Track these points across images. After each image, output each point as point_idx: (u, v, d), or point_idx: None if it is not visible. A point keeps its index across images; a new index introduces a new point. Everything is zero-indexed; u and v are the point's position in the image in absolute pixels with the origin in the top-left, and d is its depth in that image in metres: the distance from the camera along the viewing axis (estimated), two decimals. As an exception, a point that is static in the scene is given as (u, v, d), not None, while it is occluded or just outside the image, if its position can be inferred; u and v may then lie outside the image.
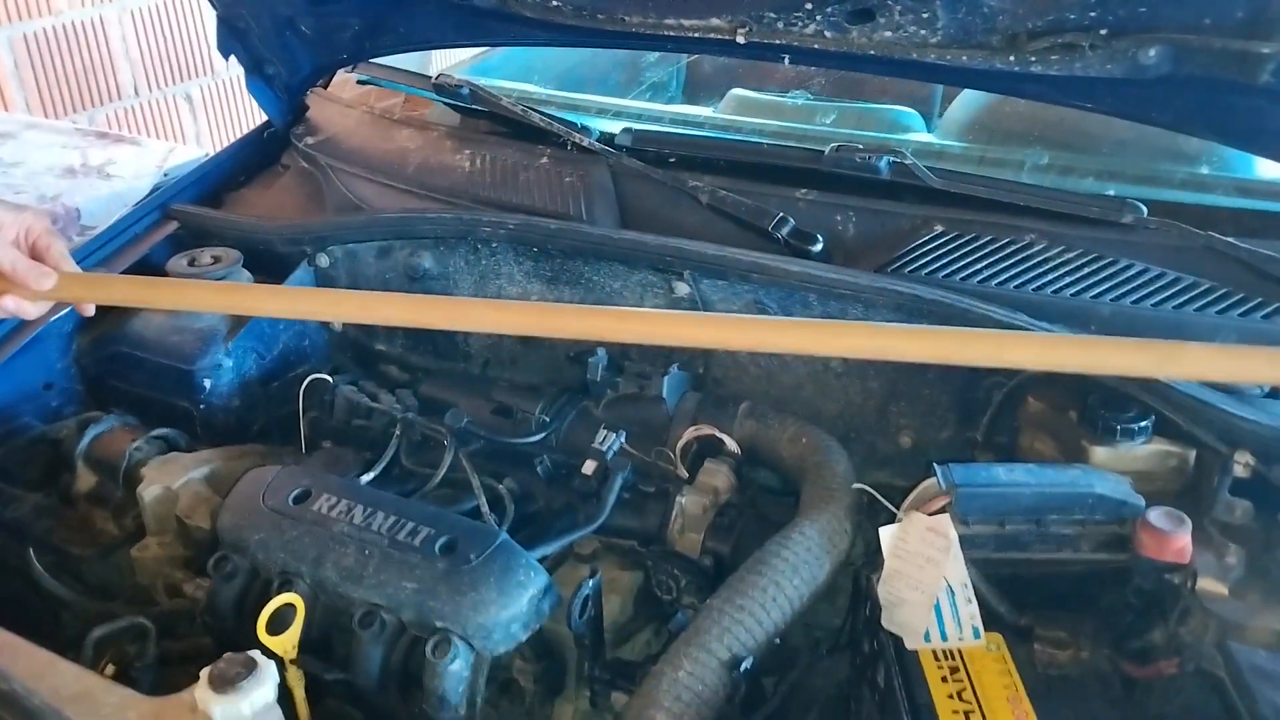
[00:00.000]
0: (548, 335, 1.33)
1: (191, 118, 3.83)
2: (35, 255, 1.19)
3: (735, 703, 1.02)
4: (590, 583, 1.12)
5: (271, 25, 1.76)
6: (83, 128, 3.04)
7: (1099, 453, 1.17)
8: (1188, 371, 1.03)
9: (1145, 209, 1.34)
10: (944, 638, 1.02)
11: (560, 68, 2.22)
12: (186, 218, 1.70)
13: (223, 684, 0.93)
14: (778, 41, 1.40)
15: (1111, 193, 1.44)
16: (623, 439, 1.33)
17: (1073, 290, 1.31)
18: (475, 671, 1.06)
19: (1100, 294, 1.30)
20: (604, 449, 1.30)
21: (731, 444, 1.34)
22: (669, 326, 1.15)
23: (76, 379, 1.53)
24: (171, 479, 1.29)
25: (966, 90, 1.86)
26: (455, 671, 1.04)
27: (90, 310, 1.29)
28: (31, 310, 1.21)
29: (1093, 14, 1.18)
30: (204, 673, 0.95)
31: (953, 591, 1.03)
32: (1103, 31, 1.19)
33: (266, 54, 1.81)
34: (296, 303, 1.31)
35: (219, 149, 1.99)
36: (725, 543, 1.24)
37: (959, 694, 0.97)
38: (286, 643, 1.03)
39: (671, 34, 1.47)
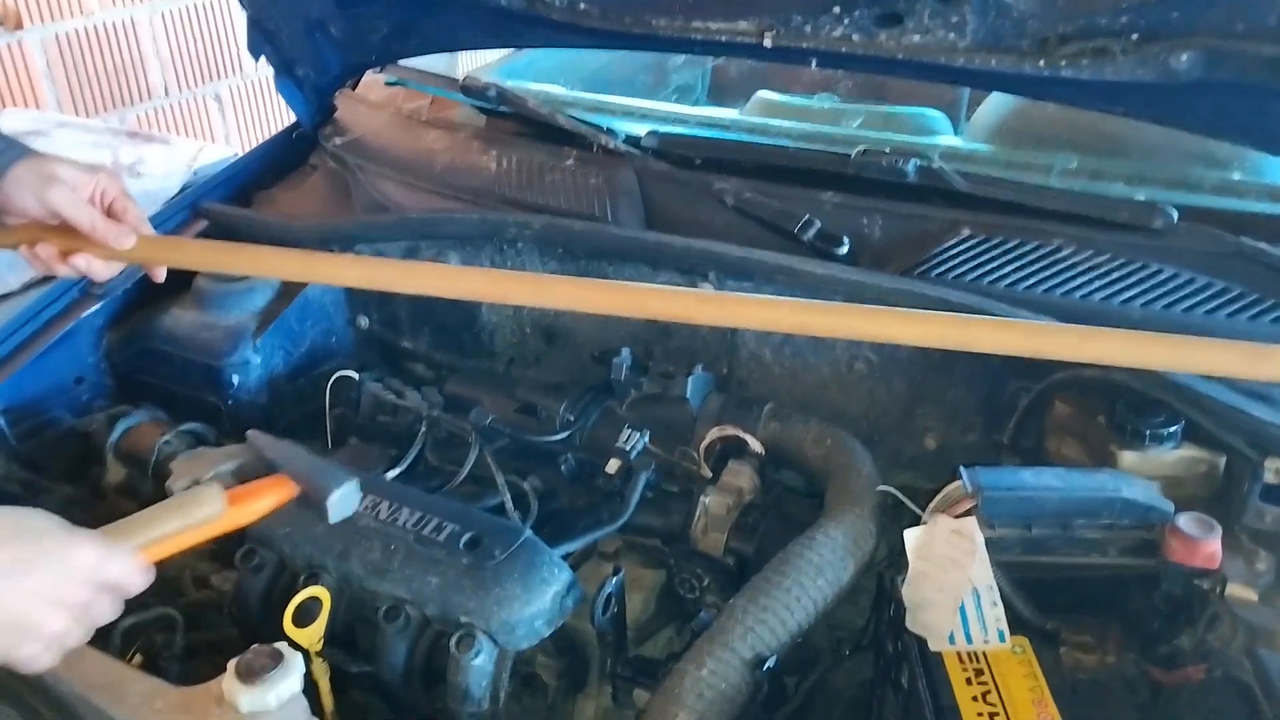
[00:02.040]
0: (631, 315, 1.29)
1: (221, 118, 3.87)
2: (111, 216, 1.16)
3: (757, 702, 1.02)
4: (613, 580, 1.12)
5: (301, 27, 1.78)
6: (114, 127, 3.09)
7: (1127, 457, 1.16)
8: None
9: (1176, 214, 1.33)
10: (969, 640, 1.02)
11: (586, 70, 2.22)
12: (216, 216, 1.72)
13: (249, 675, 0.94)
14: (805, 45, 1.40)
15: (1142, 197, 1.43)
16: (646, 438, 1.33)
17: (1102, 295, 1.30)
18: (498, 666, 1.06)
19: (1130, 299, 1.29)
20: (628, 448, 1.30)
21: (755, 445, 1.34)
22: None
23: (107, 374, 1.55)
24: (200, 473, 1.30)
25: (994, 93, 1.85)
26: (478, 666, 1.04)
27: (162, 275, 1.26)
28: (102, 271, 1.19)
29: (1124, 19, 1.18)
30: (231, 664, 0.95)
31: (978, 594, 1.02)
32: (1134, 36, 1.19)
33: (296, 55, 1.83)
34: (373, 272, 1.28)
35: (248, 149, 2.01)
36: (748, 543, 1.24)
37: (984, 696, 0.97)
38: (312, 635, 1.04)
39: (698, 37, 1.47)
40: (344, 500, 1.04)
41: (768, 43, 1.42)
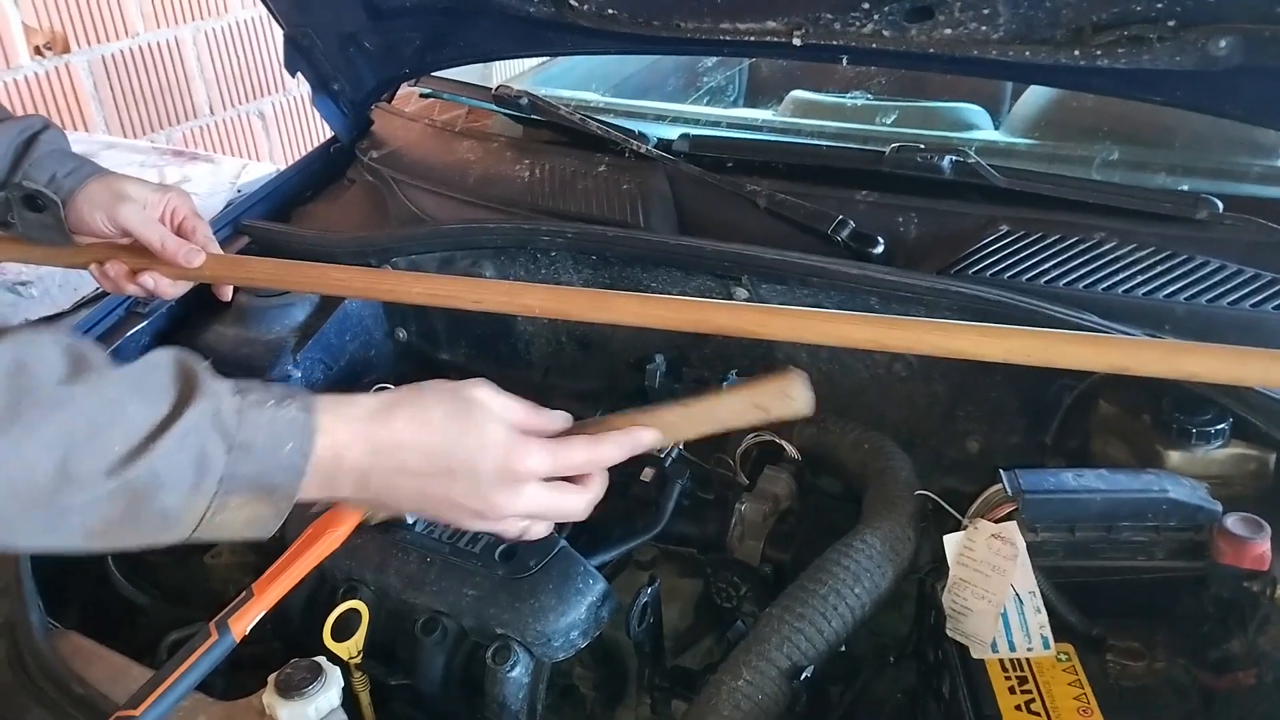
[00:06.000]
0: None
1: (264, 134, 3.93)
2: (180, 235, 1.18)
3: (795, 712, 1.01)
4: (649, 590, 1.11)
5: (335, 42, 1.80)
6: (160, 146, 3.15)
7: (1174, 457, 1.13)
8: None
9: (1220, 204, 1.30)
10: (1012, 648, 1.00)
11: (619, 75, 2.22)
12: (256, 232, 1.74)
13: (289, 689, 0.95)
14: (835, 42, 1.39)
15: (1185, 188, 1.40)
16: (681, 445, 1.32)
17: (1145, 289, 1.27)
18: (535, 678, 1.06)
19: (1174, 293, 1.26)
20: (662, 455, 1.30)
21: (792, 450, 1.33)
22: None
23: (153, 391, 1.57)
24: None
25: (1033, 86, 1.82)
26: (515, 678, 1.04)
27: (229, 294, 1.28)
28: (170, 290, 1.21)
29: (1160, 5, 1.15)
30: (271, 678, 0.97)
31: (1021, 600, 1.00)
32: (1170, 23, 1.16)
33: (331, 70, 1.85)
34: (437, 287, 1.28)
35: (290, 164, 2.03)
36: (786, 550, 1.23)
37: (1027, 705, 0.95)
38: (351, 648, 1.05)
39: (727, 38, 1.46)
40: None
41: (797, 41, 1.40)
